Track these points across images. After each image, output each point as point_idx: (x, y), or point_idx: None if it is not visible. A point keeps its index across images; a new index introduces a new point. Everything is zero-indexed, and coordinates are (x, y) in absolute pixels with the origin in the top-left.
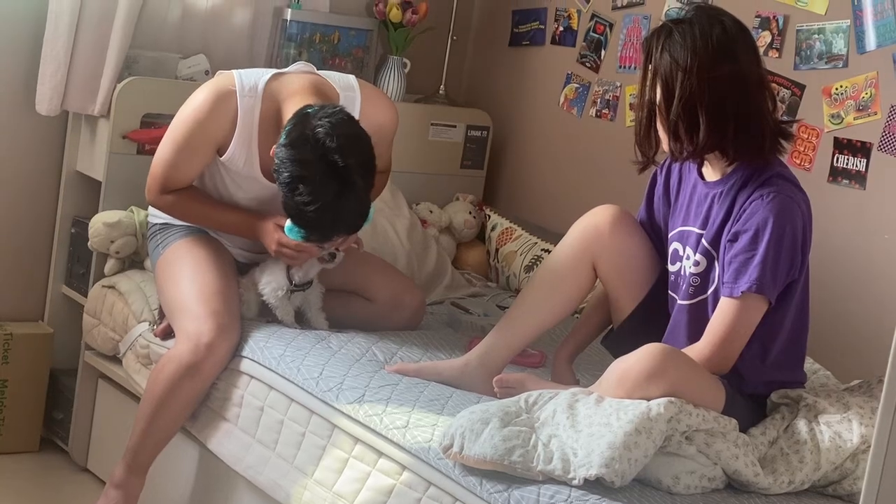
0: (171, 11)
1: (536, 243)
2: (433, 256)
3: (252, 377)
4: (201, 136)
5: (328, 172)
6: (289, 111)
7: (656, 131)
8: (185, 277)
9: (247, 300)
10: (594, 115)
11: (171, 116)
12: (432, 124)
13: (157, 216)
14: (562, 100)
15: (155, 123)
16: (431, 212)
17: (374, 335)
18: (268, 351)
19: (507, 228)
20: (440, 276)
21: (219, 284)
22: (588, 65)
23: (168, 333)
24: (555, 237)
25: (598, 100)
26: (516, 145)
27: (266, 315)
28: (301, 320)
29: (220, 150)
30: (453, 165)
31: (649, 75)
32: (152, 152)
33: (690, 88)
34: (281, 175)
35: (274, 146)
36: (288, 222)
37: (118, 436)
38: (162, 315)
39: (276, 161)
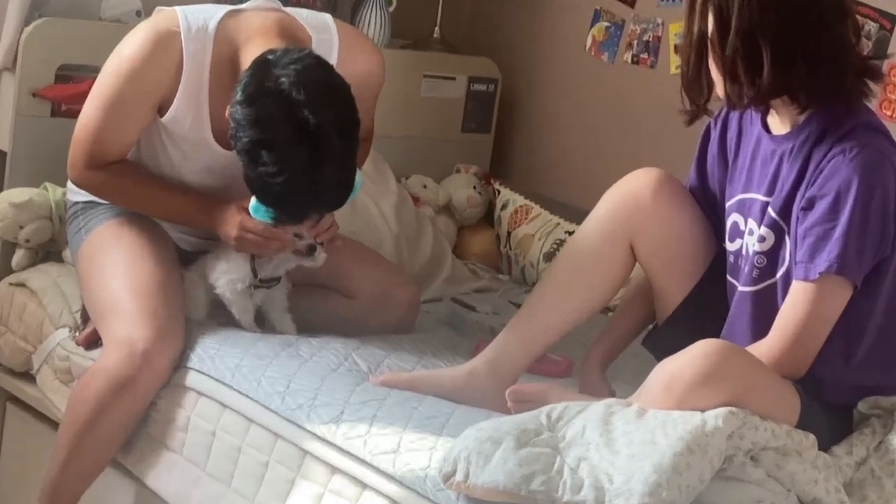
0: None
1: (559, 224)
2: (428, 243)
3: (200, 394)
4: (137, 91)
5: (297, 133)
6: (248, 58)
7: (708, 72)
8: (115, 269)
9: (193, 297)
10: (630, 60)
11: (95, 68)
12: (425, 76)
13: (78, 193)
14: (589, 43)
15: (74, 77)
16: (425, 187)
17: (355, 339)
18: (220, 360)
19: (521, 206)
20: (438, 266)
21: (157, 277)
22: None
23: (94, 341)
24: (581, 216)
25: (635, 42)
26: (531, 102)
27: (218, 316)
28: (262, 323)
29: (161, 109)
30: (452, 128)
31: (699, 1)
32: (71, 114)
33: (750, 16)
34: (239, 140)
35: (229, 107)
36: (252, 200)
37: (32, 470)
38: (86, 318)
39: (232, 123)
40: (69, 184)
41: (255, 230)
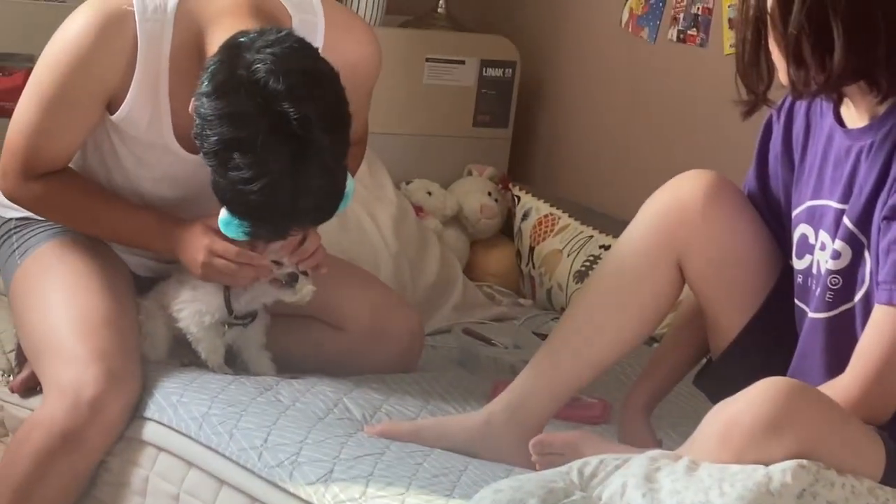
0: None
1: (592, 237)
2: (434, 262)
3: (161, 449)
4: (83, 83)
5: (276, 130)
6: (215, 42)
7: (768, 55)
8: (55, 300)
9: (151, 333)
10: (674, 38)
11: (31, 58)
12: (429, 60)
13: (11, 208)
14: (625, 17)
15: (5, 69)
16: (430, 194)
17: (347, 381)
18: (184, 409)
19: (546, 216)
20: (446, 291)
21: (107, 309)
22: None
23: (31, 387)
24: (618, 227)
25: (681, 16)
26: (557, 89)
27: (181, 355)
28: (234, 363)
29: (111, 106)
30: (462, 122)
31: None
32: (4, 112)
33: None
34: (206, 140)
35: (194, 99)
36: (222, 212)
37: None
38: (22, 359)
39: (198, 119)
40: (0, 196)
41: (225, 255)
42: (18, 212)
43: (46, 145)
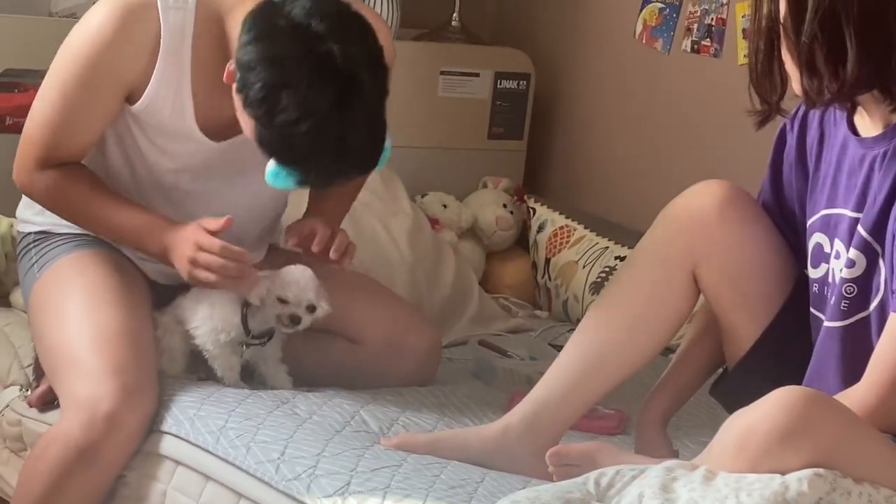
0: None
1: (607, 248)
2: (450, 274)
3: (178, 463)
4: (105, 71)
5: (321, 69)
6: (237, 25)
7: (782, 64)
8: (73, 315)
9: (168, 347)
10: (689, 49)
11: (43, 73)
12: (443, 73)
13: (30, 223)
14: (639, 29)
15: (20, 85)
16: (446, 206)
17: (364, 393)
18: (202, 422)
19: (561, 227)
20: (462, 303)
21: (124, 323)
22: None
23: (49, 401)
24: (634, 238)
25: (695, 26)
26: (571, 101)
27: (197, 370)
28: (250, 377)
29: (132, 97)
30: (477, 135)
31: None
32: (17, 129)
33: None
34: (251, 89)
35: (229, 64)
36: (270, 164)
37: None
38: (40, 374)
39: (240, 72)
40: (20, 211)
41: (210, 248)
42: (36, 226)
43: (65, 138)
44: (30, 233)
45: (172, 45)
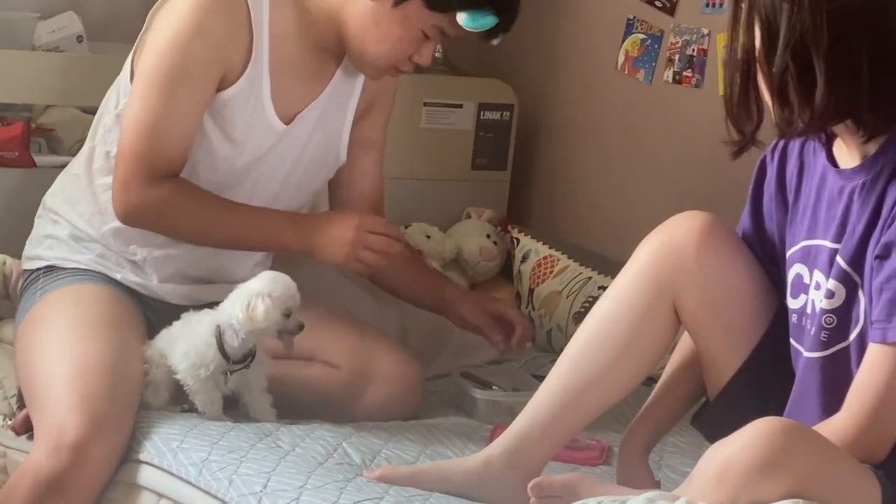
0: None
1: (591, 279)
2: None
3: (160, 495)
4: (203, 54)
5: None
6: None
7: (757, 95)
8: (56, 343)
9: (153, 380)
10: (671, 79)
11: (30, 108)
12: (426, 104)
13: (39, 259)
14: (621, 59)
15: (3, 119)
16: (429, 237)
17: (347, 426)
18: (184, 455)
19: (545, 257)
20: (444, 334)
21: (104, 354)
22: (659, 4)
23: (30, 427)
24: (618, 268)
25: (677, 57)
26: (554, 131)
27: (181, 401)
28: (234, 406)
29: (224, 82)
30: (461, 165)
31: (743, 11)
32: (3, 163)
33: (801, 26)
34: None
35: None
36: (460, 16)
37: None
38: (22, 403)
39: None
40: (28, 249)
41: (376, 228)
42: (45, 261)
43: (166, 136)
44: (38, 268)
45: (258, 27)
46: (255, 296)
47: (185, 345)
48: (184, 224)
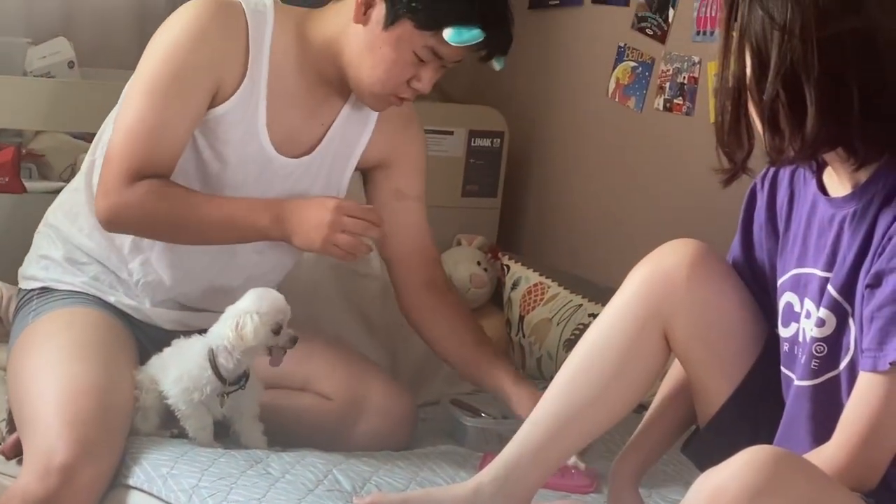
0: None
1: (581, 306)
2: None
3: None
4: (198, 62)
5: None
6: (316, 28)
7: (748, 123)
8: (46, 366)
9: (143, 405)
10: (661, 107)
11: (21, 133)
12: None
13: (35, 279)
14: (612, 87)
15: None
16: None
17: (337, 453)
18: (174, 481)
19: (535, 285)
20: (435, 362)
21: (94, 378)
22: (650, 32)
23: (20, 451)
24: (609, 295)
25: (668, 84)
26: (544, 159)
27: (171, 426)
28: (223, 434)
29: (218, 97)
30: (451, 192)
31: (734, 39)
32: None
33: (792, 54)
34: None
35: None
36: (447, 31)
37: None
38: (13, 427)
39: None
40: (24, 268)
41: (354, 212)
42: (40, 282)
43: (154, 143)
44: (33, 289)
45: (255, 45)
46: (244, 314)
47: (177, 370)
48: (162, 217)
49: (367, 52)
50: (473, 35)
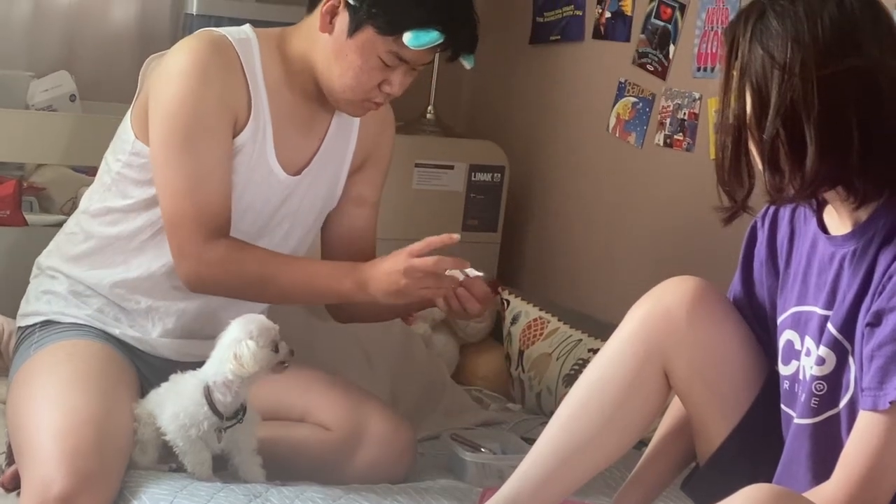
0: (16, 11)
1: (581, 341)
2: (422, 367)
3: None
4: (213, 102)
5: None
6: (296, 43)
7: (749, 161)
8: (46, 398)
9: (141, 439)
10: (662, 143)
11: (22, 166)
12: (418, 165)
13: (37, 314)
14: (613, 122)
15: None
16: None
17: (336, 487)
18: None
19: (535, 319)
20: (434, 396)
21: (93, 410)
22: (651, 68)
23: (18, 483)
24: (609, 330)
25: (668, 120)
26: (544, 194)
27: (169, 460)
28: (222, 467)
29: (235, 129)
30: (452, 227)
31: (735, 77)
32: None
33: (792, 93)
34: None
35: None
36: (406, 36)
37: None
38: (12, 459)
39: None
40: (24, 306)
41: (424, 268)
42: (42, 316)
43: (204, 192)
44: (34, 324)
45: (251, 75)
46: (237, 343)
47: (174, 406)
48: (249, 277)
49: (335, 60)
50: (432, 38)
